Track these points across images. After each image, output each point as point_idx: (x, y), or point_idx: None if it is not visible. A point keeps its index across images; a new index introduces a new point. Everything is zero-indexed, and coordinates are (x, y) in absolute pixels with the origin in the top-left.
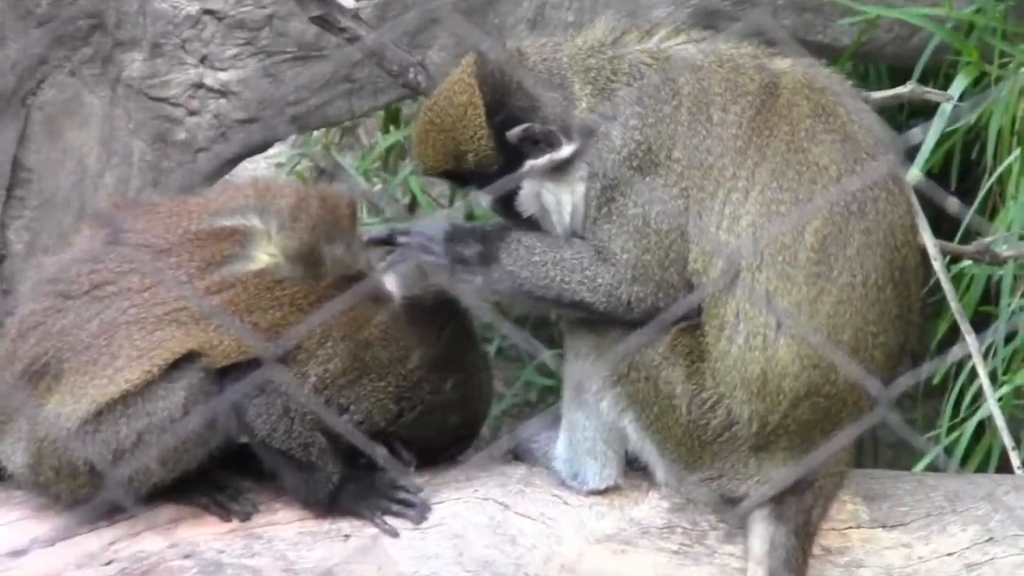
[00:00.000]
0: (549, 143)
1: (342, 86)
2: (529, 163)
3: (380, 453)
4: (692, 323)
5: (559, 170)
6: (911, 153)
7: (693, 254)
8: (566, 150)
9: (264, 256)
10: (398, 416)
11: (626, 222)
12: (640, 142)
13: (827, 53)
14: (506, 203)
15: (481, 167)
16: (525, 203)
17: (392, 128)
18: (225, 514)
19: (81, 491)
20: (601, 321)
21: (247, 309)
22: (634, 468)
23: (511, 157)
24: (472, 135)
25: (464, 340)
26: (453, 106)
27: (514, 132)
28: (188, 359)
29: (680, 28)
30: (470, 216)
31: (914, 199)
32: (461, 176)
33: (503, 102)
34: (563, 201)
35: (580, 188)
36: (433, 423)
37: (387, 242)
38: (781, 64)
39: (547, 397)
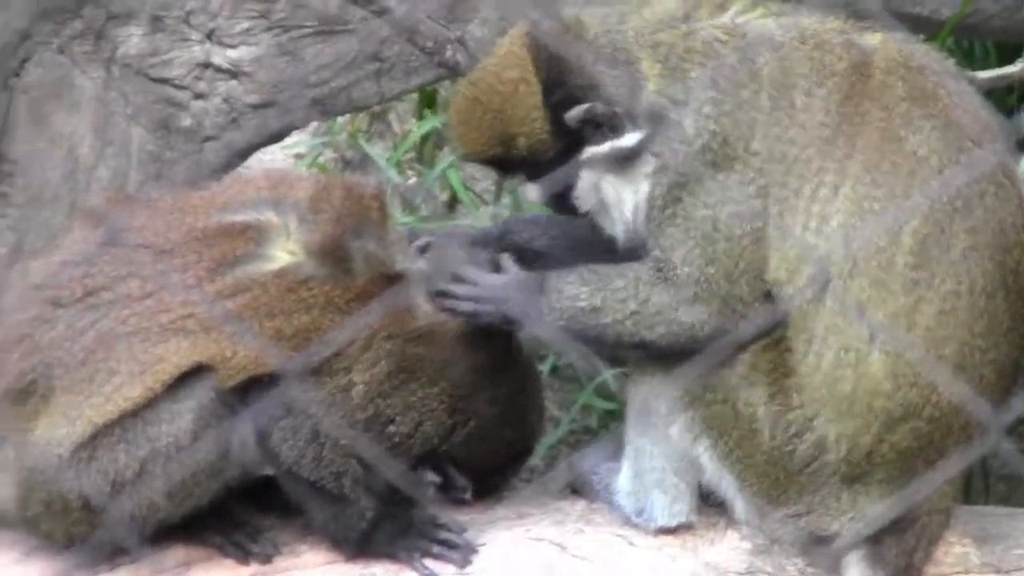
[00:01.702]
0: (612, 127)
1: (370, 65)
2: (589, 150)
3: (431, 479)
4: (775, 338)
5: (622, 161)
6: (1023, 142)
7: (774, 261)
8: (631, 137)
9: (283, 254)
10: (451, 431)
11: (692, 226)
12: (715, 132)
13: (925, 27)
14: (560, 197)
15: (534, 153)
16: (583, 197)
17: (427, 113)
18: (243, 556)
19: (76, 529)
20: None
21: (267, 314)
22: (709, 503)
23: (568, 143)
24: (525, 116)
25: (514, 342)
26: (502, 82)
27: (575, 113)
28: (196, 375)
29: (755, 0)
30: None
31: None
32: (508, 163)
33: (560, 79)
34: (625, 199)
35: (644, 187)
36: (488, 438)
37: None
38: (872, 40)
39: (609, 423)
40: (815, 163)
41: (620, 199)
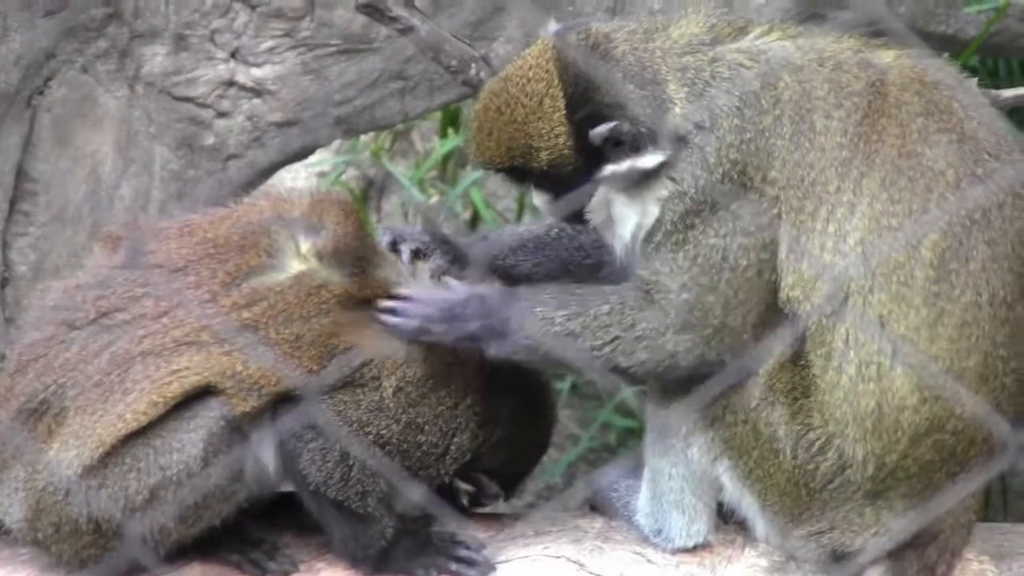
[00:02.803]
0: (635, 147)
1: (393, 84)
2: (610, 168)
3: (464, 488)
4: (793, 357)
5: (638, 181)
6: None
7: (789, 281)
8: (652, 159)
9: (295, 263)
10: (483, 443)
11: (701, 254)
12: (736, 161)
13: (950, 45)
14: (572, 207)
15: (554, 167)
16: (594, 211)
17: (451, 132)
18: (260, 573)
19: (86, 552)
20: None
21: (285, 320)
22: (726, 521)
23: (588, 159)
24: (548, 131)
25: None
26: (526, 95)
27: (600, 131)
28: (205, 402)
29: (772, 24)
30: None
31: None
32: (526, 174)
33: (586, 96)
34: (630, 218)
35: (654, 210)
36: (513, 442)
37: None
38: (886, 57)
39: (628, 440)
40: (833, 184)
41: (626, 218)
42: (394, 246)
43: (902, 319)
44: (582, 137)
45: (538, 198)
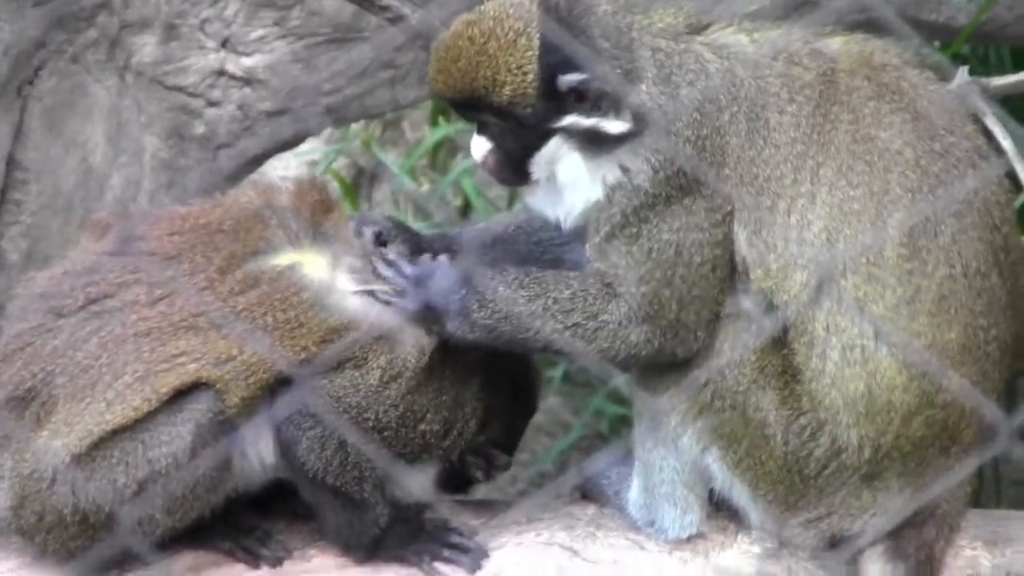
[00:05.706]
0: (596, 107)
1: (384, 73)
2: (571, 119)
3: (475, 463)
4: (780, 341)
5: (594, 148)
6: None
7: (759, 274)
8: (616, 125)
9: (289, 249)
10: (486, 426)
11: (656, 248)
12: (690, 157)
13: (941, 34)
14: (513, 160)
15: (513, 105)
16: (539, 165)
17: (441, 120)
18: (252, 560)
19: (72, 544)
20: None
21: (283, 304)
22: (719, 509)
23: (548, 107)
24: (518, 67)
25: None
26: (503, 29)
27: (570, 78)
28: (194, 395)
29: (730, 21)
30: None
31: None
32: (482, 108)
33: (562, 43)
34: (575, 184)
35: (597, 190)
36: (512, 414)
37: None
38: (834, 44)
39: (620, 428)
40: (788, 178)
41: (572, 182)
42: (359, 231)
43: (879, 300)
44: (549, 82)
45: (479, 146)
